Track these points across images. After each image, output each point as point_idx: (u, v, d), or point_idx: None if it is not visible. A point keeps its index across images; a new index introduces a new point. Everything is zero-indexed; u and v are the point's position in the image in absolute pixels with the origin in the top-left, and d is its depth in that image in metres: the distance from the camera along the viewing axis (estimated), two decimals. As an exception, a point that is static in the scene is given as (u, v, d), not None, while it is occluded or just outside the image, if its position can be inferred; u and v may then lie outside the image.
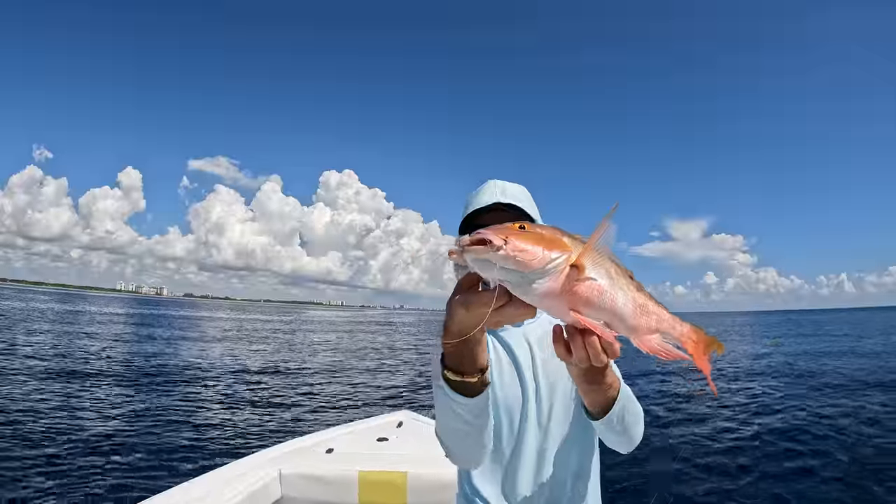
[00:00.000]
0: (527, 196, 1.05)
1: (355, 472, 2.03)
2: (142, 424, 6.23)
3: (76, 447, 5.17)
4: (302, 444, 2.38)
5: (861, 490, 4.38)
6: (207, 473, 2.04)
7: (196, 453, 5.22)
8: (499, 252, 0.50)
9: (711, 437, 6.17)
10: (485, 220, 0.99)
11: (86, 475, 4.41)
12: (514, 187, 1.04)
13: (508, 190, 1.03)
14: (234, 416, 7.04)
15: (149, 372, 10.52)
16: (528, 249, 0.51)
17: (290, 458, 2.17)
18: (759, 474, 4.87)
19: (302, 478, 2.06)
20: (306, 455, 2.22)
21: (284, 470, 2.07)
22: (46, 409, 6.68)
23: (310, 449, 2.30)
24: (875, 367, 12.35)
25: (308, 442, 2.40)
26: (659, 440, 5.98)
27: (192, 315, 47.71)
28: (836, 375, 11.07)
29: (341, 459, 2.16)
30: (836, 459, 5.20)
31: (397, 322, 53.80)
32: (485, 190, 1.04)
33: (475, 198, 1.04)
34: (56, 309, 38.23)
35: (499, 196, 1.00)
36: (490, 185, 1.04)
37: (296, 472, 2.07)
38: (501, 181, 1.05)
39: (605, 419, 0.80)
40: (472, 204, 1.04)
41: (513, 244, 0.50)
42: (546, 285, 0.52)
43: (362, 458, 2.16)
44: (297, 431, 6.13)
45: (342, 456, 2.20)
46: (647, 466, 5.08)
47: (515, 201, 1.00)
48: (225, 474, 2.02)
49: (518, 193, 1.04)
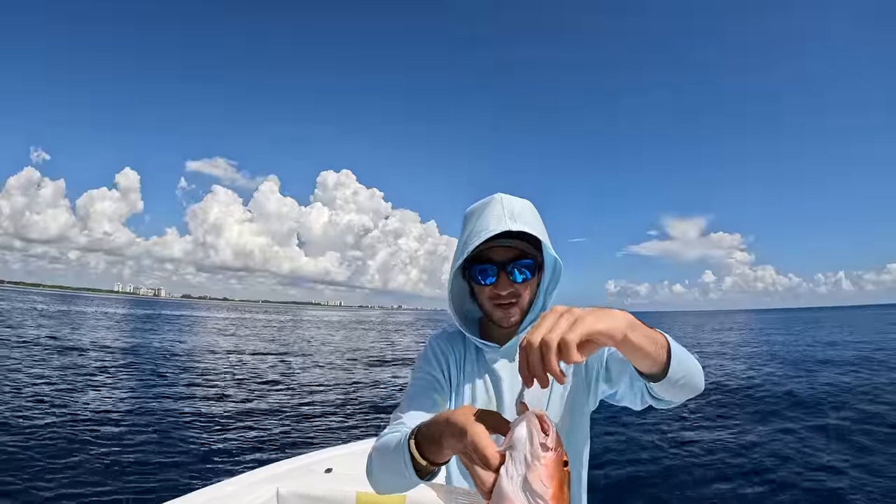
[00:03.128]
0: (534, 215, 0.99)
1: (353, 493, 2.01)
2: (136, 438, 6.13)
3: (67, 459, 5.09)
4: (300, 462, 2.36)
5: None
6: (204, 489, 2.02)
7: (192, 468, 5.14)
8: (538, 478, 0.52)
9: (704, 437, 6.13)
10: (491, 245, 0.95)
11: (77, 490, 4.33)
12: (521, 207, 0.97)
13: (516, 211, 0.95)
14: (232, 430, 6.94)
15: (142, 383, 10.38)
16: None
17: (288, 477, 2.15)
18: (751, 473, 4.84)
19: (300, 497, 2.04)
20: (304, 474, 2.19)
21: (282, 489, 2.05)
22: (35, 415, 6.61)
23: (308, 467, 2.27)
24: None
25: (307, 460, 2.38)
26: (649, 439, 5.95)
27: (190, 316, 47.42)
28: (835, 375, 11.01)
29: (340, 480, 2.14)
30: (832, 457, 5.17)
31: (394, 320, 53.24)
32: (490, 211, 0.95)
33: (480, 220, 0.95)
34: (52, 310, 38.05)
35: (507, 223, 0.92)
36: (496, 206, 0.96)
37: (294, 491, 2.04)
38: (507, 198, 0.97)
39: (666, 379, 0.75)
40: (477, 227, 0.94)
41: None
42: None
43: (361, 479, 2.13)
44: (295, 446, 6.06)
45: (341, 476, 2.18)
46: (633, 466, 5.07)
47: (526, 227, 0.93)
48: (221, 490, 2.00)
49: (526, 215, 0.97)
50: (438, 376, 1.03)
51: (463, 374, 1.05)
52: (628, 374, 0.91)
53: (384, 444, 0.83)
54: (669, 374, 0.73)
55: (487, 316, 1.03)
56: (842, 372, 12.25)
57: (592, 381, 1.02)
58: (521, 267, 0.97)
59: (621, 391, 0.97)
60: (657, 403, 0.89)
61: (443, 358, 1.06)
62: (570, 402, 1.02)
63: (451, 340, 1.09)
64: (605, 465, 5.45)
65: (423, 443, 0.71)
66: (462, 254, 0.97)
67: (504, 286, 0.97)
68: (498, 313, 1.00)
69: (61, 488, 4.28)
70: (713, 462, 5.54)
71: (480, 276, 0.99)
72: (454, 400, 1.04)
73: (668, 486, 4.82)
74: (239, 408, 8.71)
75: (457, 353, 1.07)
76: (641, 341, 0.67)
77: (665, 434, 6.69)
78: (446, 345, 1.08)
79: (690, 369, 0.77)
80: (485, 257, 0.97)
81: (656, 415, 7.58)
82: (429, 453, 0.70)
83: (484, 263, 0.97)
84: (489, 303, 1.00)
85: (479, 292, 1.02)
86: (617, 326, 0.61)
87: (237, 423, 7.46)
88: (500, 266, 0.97)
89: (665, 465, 5.46)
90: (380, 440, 0.87)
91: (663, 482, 4.94)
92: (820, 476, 4.98)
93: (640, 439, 6.41)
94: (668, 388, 0.77)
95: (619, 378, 0.96)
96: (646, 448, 6.05)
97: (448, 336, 1.11)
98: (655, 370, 0.73)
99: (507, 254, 0.97)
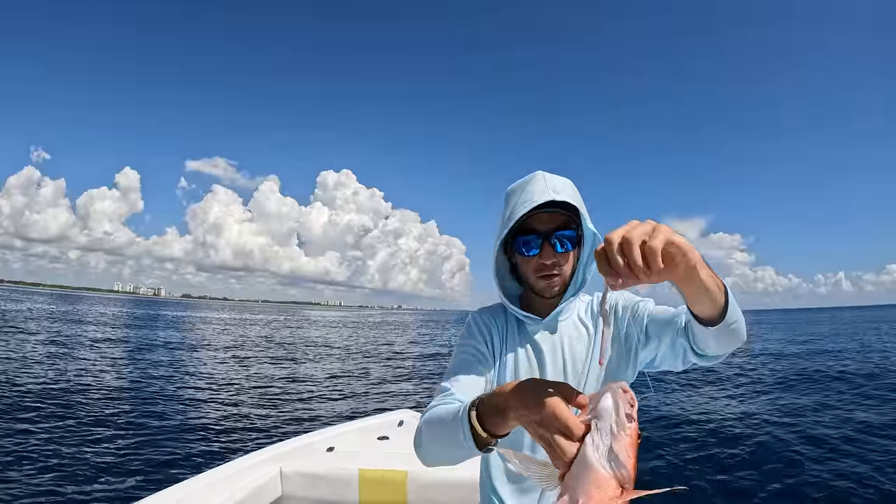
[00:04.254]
0: (574, 191, 1.02)
1: (356, 471, 2.03)
2: (141, 421, 6.22)
3: (75, 442, 5.16)
4: (303, 442, 2.38)
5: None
6: (208, 471, 2.03)
7: (196, 450, 5.22)
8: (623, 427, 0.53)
9: (710, 429, 6.18)
10: (535, 216, 0.98)
11: (84, 471, 4.39)
12: (562, 182, 1.01)
13: (558, 185, 0.99)
14: (235, 413, 7.03)
15: (146, 371, 10.49)
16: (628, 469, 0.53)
17: (290, 456, 2.17)
18: (752, 469, 4.89)
19: (303, 476, 2.06)
20: (307, 453, 2.22)
21: (285, 468, 2.07)
22: (43, 403, 6.66)
23: (311, 447, 2.30)
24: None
25: (309, 440, 2.40)
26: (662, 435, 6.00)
27: (190, 315, 47.60)
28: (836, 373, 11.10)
29: (342, 458, 2.16)
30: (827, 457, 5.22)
31: (394, 320, 53.82)
32: (534, 185, 0.99)
33: (524, 193, 0.99)
34: (52, 309, 38.08)
35: (551, 194, 0.96)
36: (539, 180, 1.00)
37: (296, 470, 2.07)
38: (549, 175, 1.01)
39: (723, 322, 0.72)
40: (522, 199, 0.98)
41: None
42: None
43: (363, 457, 2.16)
44: (298, 429, 6.14)
45: (343, 454, 2.21)
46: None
47: (568, 198, 0.97)
48: (225, 472, 2.02)
49: (567, 189, 1.00)
50: (482, 349, 1.06)
51: (506, 345, 1.08)
52: (671, 332, 0.91)
53: (437, 415, 0.83)
54: (727, 317, 0.71)
55: (531, 288, 1.06)
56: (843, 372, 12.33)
57: (633, 350, 1.03)
58: (563, 238, 1.00)
59: (662, 353, 0.98)
60: (701, 360, 0.88)
61: (486, 330, 1.09)
62: (610, 376, 1.02)
63: (494, 313, 1.13)
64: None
65: (486, 414, 0.69)
66: (507, 225, 1.00)
67: (548, 255, 1.00)
68: (542, 283, 1.03)
69: (69, 478, 4.31)
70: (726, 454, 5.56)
71: (524, 248, 1.01)
72: (498, 370, 1.06)
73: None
74: (241, 391, 8.82)
75: (499, 325, 1.10)
76: (708, 274, 0.65)
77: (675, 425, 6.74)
78: (489, 318, 1.12)
79: (741, 315, 0.76)
80: (528, 228, 1.00)
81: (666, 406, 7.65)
82: (490, 425, 0.69)
83: (528, 234, 1.00)
84: (533, 275, 1.03)
85: (523, 264, 1.04)
86: (693, 247, 0.58)
87: (239, 405, 7.57)
88: (544, 236, 1.00)
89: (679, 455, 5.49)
90: (430, 411, 0.87)
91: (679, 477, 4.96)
92: (819, 475, 5.01)
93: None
94: (721, 335, 0.75)
95: (660, 339, 0.96)
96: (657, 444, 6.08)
97: (490, 310, 1.14)
98: (714, 312, 0.71)
99: (550, 223, 1.00)
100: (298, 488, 2.05)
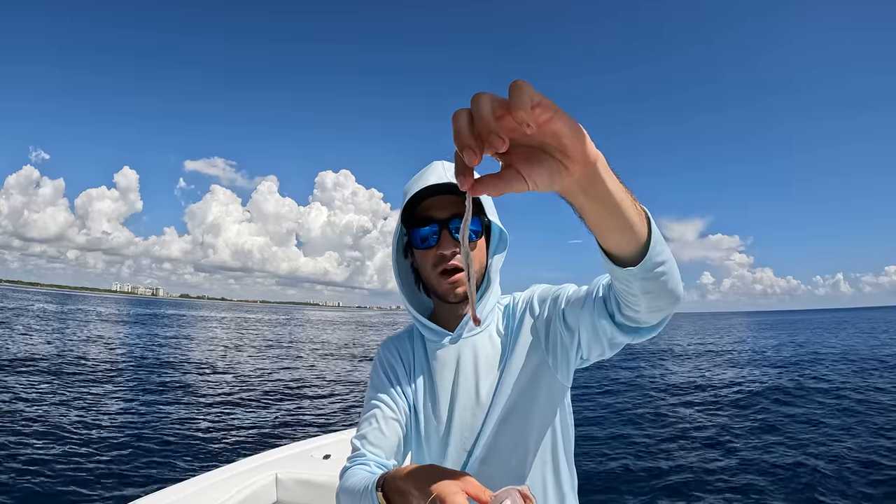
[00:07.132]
0: None
1: (352, 479, 2.01)
2: (136, 424, 6.21)
3: (69, 446, 5.13)
4: (299, 448, 2.37)
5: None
6: (202, 475, 2.02)
7: (191, 454, 5.20)
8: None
9: (699, 436, 6.13)
10: (432, 203, 0.88)
11: (78, 475, 4.37)
12: None
13: None
14: (231, 417, 6.99)
15: (143, 372, 10.48)
16: None
17: (286, 463, 2.15)
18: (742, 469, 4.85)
19: (298, 483, 2.04)
20: (303, 460, 2.20)
21: (281, 474, 2.05)
22: (39, 407, 6.62)
23: (307, 454, 2.28)
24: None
25: (305, 447, 2.39)
26: (643, 434, 5.95)
27: (188, 315, 47.45)
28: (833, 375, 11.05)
29: (338, 466, 2.14)
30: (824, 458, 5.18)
31: (393, 320, 53.48)
32: (430, 172, 0.88)
33: (419, 181, 0.88)
34: (50, 309, 37.99)
35: (448, 177, 0.85)
36: (437, 167, 0.89)
37: (292, 476, 2.05)
38: (450, 162, 0.88)
39: (645, 260, 0.54)
40: (415, 186, 0.87)
41: None
42: None
43: None
44: (294, 436, 6.10)
45: (339, 462, 2.19)
46: (623, 460, 5.06)
47: None
48: (220, 476, 2.00)
49: None
50: (386, 394, 0.94)
51: (413, 373, 0.97)
52: (588, 309, 0.76)
53: (350, 486, 0.79)
54: (650, 253, 0.53)
55: (435, 293, 0.93)
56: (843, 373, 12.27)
57: (561, 353, 0.87)
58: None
59: (585, 338, 0.81)
60: (630, 336, 0.73)
61: (389, 367, 0.98)
62: (529, 382, 0.88)
63: (400, 341, 1.02)
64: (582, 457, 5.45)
65: (391, 492, 0.68)
66: (400, 223, 0.91)
67: (447, 245, 0.86)
68: (444, 285, 0.88)
69: (64, 480, 4.27)
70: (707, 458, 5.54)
71: (420, 241, 0.89)
72: (408, 403, 0.96)
73: (654, 486, 4.81)
74: (238, 396, 8.77)
75: (405, 354, 1.00)
76: (618, 186, 0.47)
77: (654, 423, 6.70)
78: (394, 349, 1.01)
79: (671, 256, 0.58)
80: (424, 217, 0.88)
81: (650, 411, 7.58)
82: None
83: (424, 225, 0.88)
84: (433, 272, 0.89)
85: (422, 260, 0.91)
86: (591, 145, 0.41)
87: (236, 411, 7.52)
88: (442, 224, 0.87)
89: (651, 461, 5.46)
90: (343, 478, 0.84)
91: (648, 479, 4.93)
92: (818, 473, 4.99)
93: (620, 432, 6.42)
94: (647, 283, 0.57)
95: (579, 321, 0.80)
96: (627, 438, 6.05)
97: (397, 339, 1.03)
98: (632, 247, 0.53)
99: (449, 208, 0.87)
100: (294, 495, 2.03)
